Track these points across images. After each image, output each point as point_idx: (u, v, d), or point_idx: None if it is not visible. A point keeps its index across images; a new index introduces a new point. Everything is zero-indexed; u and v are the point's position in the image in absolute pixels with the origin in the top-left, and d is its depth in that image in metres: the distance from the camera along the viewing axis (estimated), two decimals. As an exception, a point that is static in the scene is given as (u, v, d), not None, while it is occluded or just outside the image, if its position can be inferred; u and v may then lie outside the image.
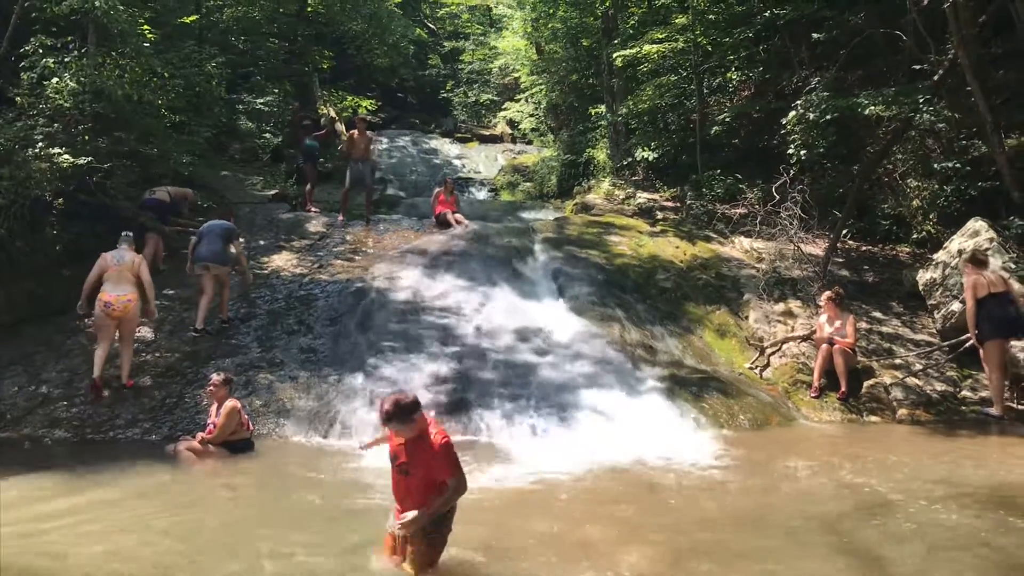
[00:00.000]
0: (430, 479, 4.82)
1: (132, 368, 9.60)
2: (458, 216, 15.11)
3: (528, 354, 10.36)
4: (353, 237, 14.09)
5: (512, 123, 30.00)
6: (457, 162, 26.84)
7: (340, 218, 15.01)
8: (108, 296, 9.32)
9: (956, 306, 10.55)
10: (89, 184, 11.41)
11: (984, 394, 9.91)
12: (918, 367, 10.59)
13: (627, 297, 12.23)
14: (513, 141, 29.83)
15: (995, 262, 10.26)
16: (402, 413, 4.69)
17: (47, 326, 10.65)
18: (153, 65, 13.17)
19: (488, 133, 30.79)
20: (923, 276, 11.33)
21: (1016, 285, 10.00)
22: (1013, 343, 9.69)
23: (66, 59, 11.57)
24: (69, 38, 11.97)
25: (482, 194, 23.48)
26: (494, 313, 11.39)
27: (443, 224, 14.96)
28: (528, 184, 23.42)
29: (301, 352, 10.34)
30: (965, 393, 10.11)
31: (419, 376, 9.67)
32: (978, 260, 9.80)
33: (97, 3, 11.47)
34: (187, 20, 18.11)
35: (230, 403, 8.10)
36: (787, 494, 7.00)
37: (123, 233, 10.16)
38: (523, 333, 10.86)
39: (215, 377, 8.33)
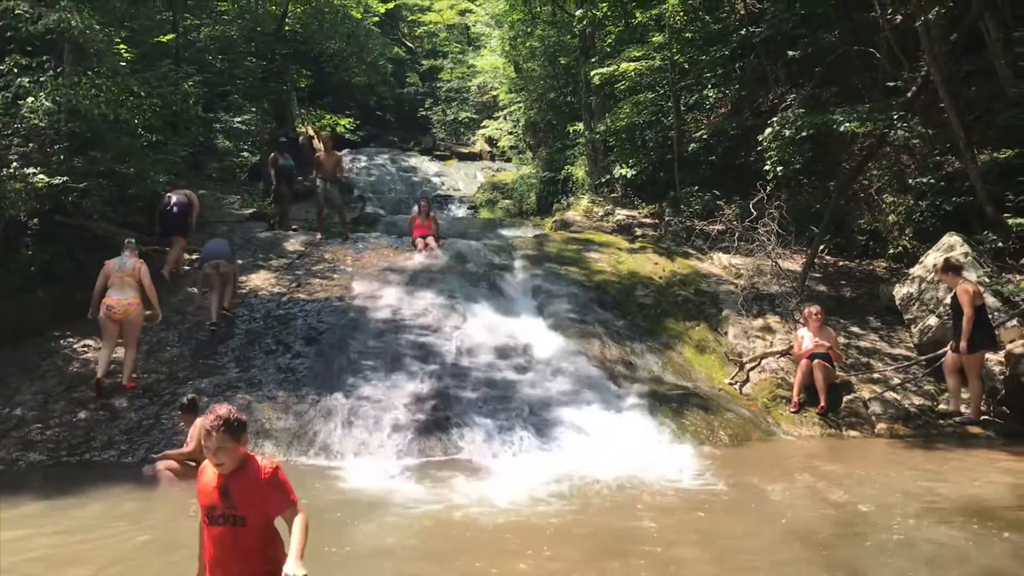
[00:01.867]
0: (268, 524, 3.99)
1: (108, 388, 9.52)
2: (428, 241, 14.45)
3: (508, 371, 10.35)
4: (332, 255, 14.04)
5: (491, 141, 30.11)
6: (436, 180, 26.88)
7: (318, 236, 14.96)
8: (110, 300, 9.76)
9: (933, 320, 10.64)
10: (65, 204, 11.31)
11: (963, 408, 9.96)
12: (896, 381, 10.66)
13: (607, 314, 12.25)
14: (492, 159, 29.92)
15: (970, 276, 10.34)
16: (237, 424, 3.87)
17: (22, 348, 10.52)
18: (129, 84, 13.07)
19: (467, 151, 30.89)
20: (900, 290, 11.41)
21: (990, 299, 10.10)
22: (989, 355, 9.78)
23: (41, 78, 11.48)
24: (45, 57, 11.90)
25: (461, 211, 23.53)
26: (474, 331, 11.36)
27: (422, 248, 14.42)
28: (507, 201, 23.48)
29: (279, 372, 10.27)
30: (943, 407, 10.17)
31: (399, 394, 9.63)
32: (957, 267, 9.80)
33: (73, 23, 11.39)
34: (164, 39, 18.00)
35: (198, 421, 8.02)
36: (768, 510, 7.00)
37: (126, 240, 10.62)
38: (503, 350, 10.85)
39: (181, 403, 8.37)
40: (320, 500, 7.21)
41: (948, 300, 10.00)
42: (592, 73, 17.81)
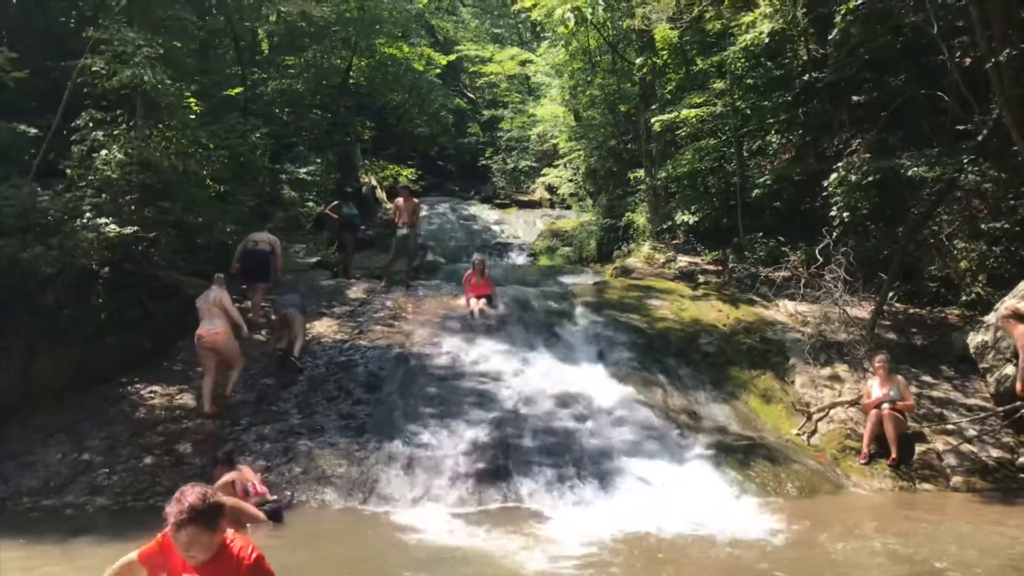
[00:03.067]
0: None
1: (173, 434, 9.68)
2: (482, 304, 13.44)
3: (568, 420, 10.23)
4: (393, 303, 14.12)
5: (550, 188, 30.19)
6: (496, 227, 27.01)
7: (382, 284, 15.07)
8: (200, 331, 10.34)
9: (1010, 369, 10.23)
10: (135, 253, 11.60)
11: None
12: (972, 432, 10.27)
13: (669, 362, 12.07)
14: (552, 206, 29.99)
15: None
16: (212, 512, 3.27)
17: (92, 394, 10.72)
18: (199, 136, 13.46)
19: (527, 199, 31.02)
20: (974, 339, 11.03)
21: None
22: None
23: (115, 132, 11.86)
24: (118, 111, 12.29)
25: (521, 259, 23.56)
26: (534, 378, 11.29)
27: (476, 309, 13.44)
28: (567, 249, 23.45)
29: (341, 418, 10.30)
30: (1022, 460, 9.76)
31: (458, 442, 9.58)
32: (1021, 315, 9.55)
33: (146, 78, 11.78)
34: (232, 92, 18.53)
35: (225, 477, 8.15)
36: (837, 566, 6.75)
37: (216, 275, 11.17)
38: (563, 399, 10.74)
39: (216, 457, 8.71)
40: (378, 549, 7.17)
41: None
42: (653, 120, 17.79)
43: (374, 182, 26.66)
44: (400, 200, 15.53)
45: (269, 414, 10.42)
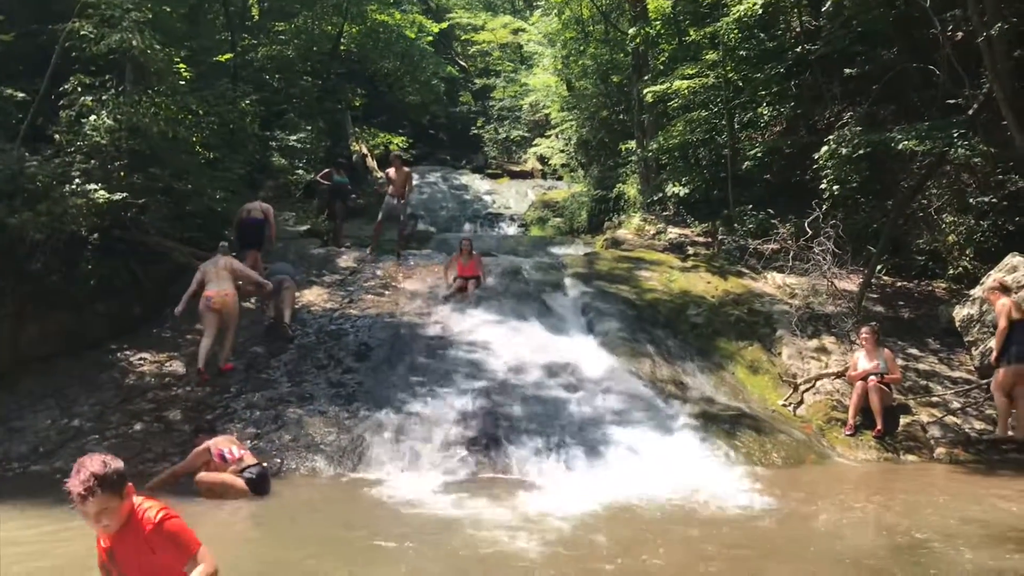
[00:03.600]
0: None
1: (163, 401, 9.69)
2: (468, 286, 13.25)
3: (558, 390, 10.29)
4: (383, 272, 14.13)
5: (542, 159, 30.13)
6: (487, 198, 26.96)
7: (370, 252, 15.06)
8: (209, 292, 10.48)
9: (994, 342, 10.35)
10: (124, 220, 11.55)
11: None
12: (956, 405, 10.39)
13: (658, 332, 12.14)
14: (543, 177, 29.94)
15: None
16: (115, 478, 3.24)
17: (80, 360, 10.73)
18: (188, 102, 13.35)
19: (518, 169, 30.94)
20: (960, 312, 11.12)
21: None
22: None
23: (103, 97, 11.75)
24: (107, 76, 12.17)
25: (512, 230, 23.57)
26: (523, 348, 11.33)
27: (461, 290, 13.24)
28: (558, 219, 23.45)
29: (330, 386, 10.33)
30: (1011, 432, 9.86)
31: (448, 411, 9.63)
32: (1005, 287, 9.73)
33: (135, 43, 11.67)
34: (222, 58, 18.38)
35: (200, 446, 8.14)
36: (820, 532, 6.84)
37: (220, 244, 11.43)
38: (552, 368, 10.79)
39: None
40: (366, 517, 7.22)
41: None
42: (645, 91, 17.74)
43: (365, 150, 26.55)
44: (391, 170, 15.46)
45: (259, 382, 10.45)
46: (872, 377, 9.98)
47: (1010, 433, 9.61)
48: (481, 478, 8.47)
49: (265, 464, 8.25)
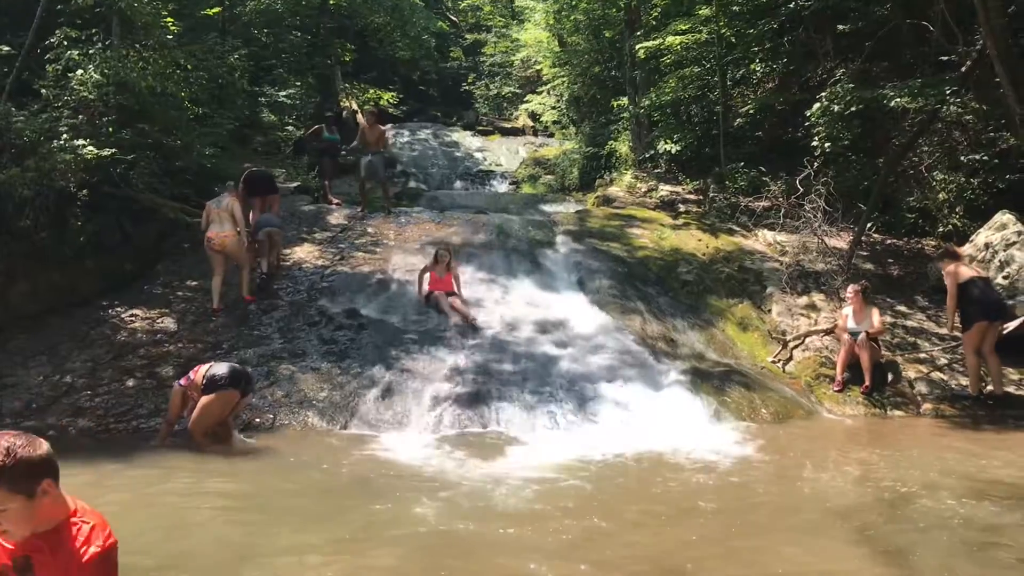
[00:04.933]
0: None
1: (155, 357, 9.73)
2: (454, 301, 11.17)
3: (549, 346, 10.35)
4: (374, 229, 14.11)
5: (534, 116, 29.93)
6: (478, 155, 26.83)
7: (360, 210, 15.02)
8: (210, 233, 10.95)
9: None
10: (113, 176, 11.48)
11: (1011, 390, 9.81)
12: (943, 361, 10.49)
13: (648, 290, 12.19)
14: (535, 134, 29.76)
15: (1023, 255, 10.15)
16: (23, 470, 2.40)
17: (71, 317, 10.73)
18: (176, 57, 13.22)
19: (510, 126, 30.77)
20: (948, 270, 11.19)
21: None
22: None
23: (90, 51, 11.62)
24: (93, 30, 12.03)
25: (503, 187, 23.50)
26: (515, 306, 11.38)
27: (435, 307, 11.22)
28: (550, 177, 23.37)
29: (322, 343, 10.36)
30: (990, 387, 9.99)
31: (439, 368, 9.68)
32: (954, 253, 9.87)
33: (121, -5, 11.55)
34: (210, 12, 18.14)
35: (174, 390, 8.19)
36: (808, 486, 6.95)
37: (227, 183, 11.91)
38: (544, 325, 10.84)
39: None
40: (358, 472, 7.29)
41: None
42: (637, 47, 17.61)
43: (355, 106, 26.34)
44: (366, 125, 15.39)
45: (251, 338, 10.47)
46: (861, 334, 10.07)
47: (989, 388, 9.74)
48: (472, 434, 8.54)
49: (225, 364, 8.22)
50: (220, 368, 7.93)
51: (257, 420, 8.76)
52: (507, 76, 32.57)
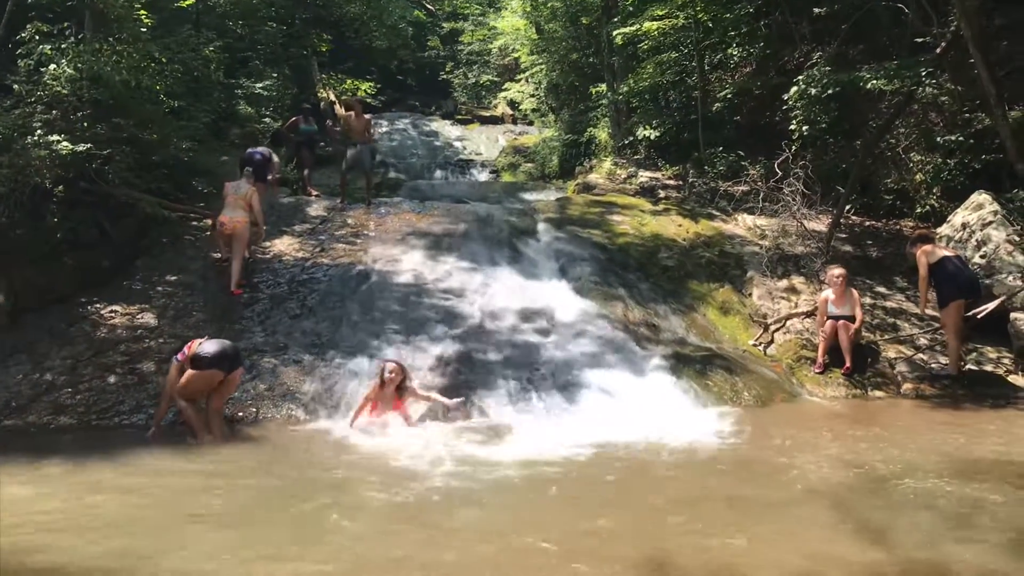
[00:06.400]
0: None
1: (136, 353, 9.67)
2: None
3: (531, 335, 10.36)
4: (354, 220, 14.04)
5: (513, 104, 29.89)
6: (457, 144, 26.77)
7: (340, 202, 14.94)
8: (223, 218, 11.36)
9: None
10: (89, 171, 11.37)
11: (990, 368, 9.92)
12: (923, 342, 10.58)
13: (630, 276, 12.21)
14: (514, 122, 29.74)
15: (999, 234, 10.24)
16: None
17: (49, 314, 10.60)
18: (151, 50, 13.07)
19: (488, 114, 30.71)
20: (927, 250, 11.28)
21: (1021, 258, 10.00)
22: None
23: (63, 45, 11.48)
24: (66, 24, 11.88)
25: (483, 176, 23.45)
26: (497, 294, 11.37)
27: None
28: (529, 165, 23.35)
29: (304, 336, 10.32)
30: (970, 367, 10.09)
31: (422, 357, 9.67)
32: (926, 236, 10.11)
33: (92, -13, 11.41)
34: (184, 4, 17.94)
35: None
36: (790, 469, 6.99)
37: (246, 169, 12.56)
38: (526, 314, 10.85)
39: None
40: (342, 463, 7.29)
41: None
42: (614, 33, 17.58)
43: (332, 97, 26.19)
44: (351, 114, 15.23)
45: (232, 332, 10.38)
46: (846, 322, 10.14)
47: (968, 368, 9.87)
48: (456, 423, 8.54)
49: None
50: (208, 347, 8.16)
51: (240, 414, 8.73)
52: (485, 64, 32.49)
